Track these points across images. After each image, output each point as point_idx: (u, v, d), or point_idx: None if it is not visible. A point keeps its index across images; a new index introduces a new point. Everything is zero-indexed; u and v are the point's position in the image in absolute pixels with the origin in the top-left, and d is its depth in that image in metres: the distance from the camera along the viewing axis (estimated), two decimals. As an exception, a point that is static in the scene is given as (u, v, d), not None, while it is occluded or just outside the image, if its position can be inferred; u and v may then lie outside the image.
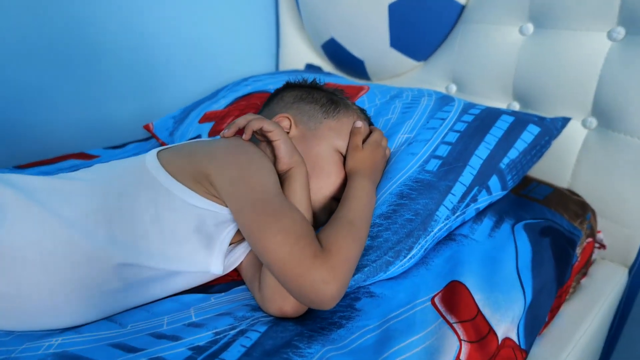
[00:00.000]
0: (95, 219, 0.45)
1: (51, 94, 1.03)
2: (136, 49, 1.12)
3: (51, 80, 1.02)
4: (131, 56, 1.12)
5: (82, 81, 1.07)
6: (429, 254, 0.55)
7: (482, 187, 0.58)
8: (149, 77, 1.19)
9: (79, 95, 1.07)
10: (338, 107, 0.60)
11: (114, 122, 1.16)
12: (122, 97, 1.15)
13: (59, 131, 1.08)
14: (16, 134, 1.02)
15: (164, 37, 1.16)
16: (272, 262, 0.42)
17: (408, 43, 0.99)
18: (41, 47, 0.98)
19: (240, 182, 0.45)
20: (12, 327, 0.46)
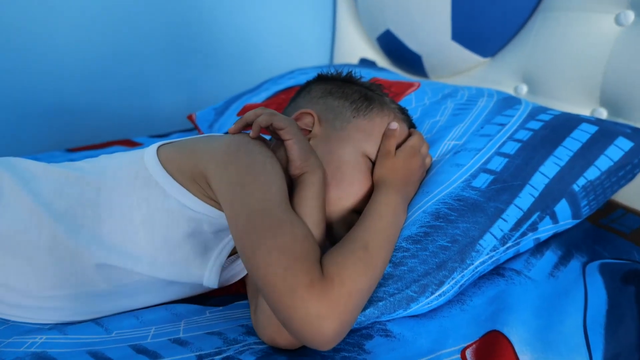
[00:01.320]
0: (84, 214, 0.41)
1: (103, 81, 1.06)
2: (187, 39, 1.12)
3: (103, 69, 1.05)
4: (183, 45, 1.12)
5: (133, 70, 1.08)
6: (467, 290, 0.44)
7: (545, 213, 0.46)
8: (200, 67, 1.18)
9: (129, 83, 1.09)
10: (372, 104, 0.51)
11: (164, 110, 1.17)
12: (174, 86, 1.16)
13: (110, 118, 1.10)
14: (70, 118, 1.06)
15: (215, 26, 1.15)
16: (262, 285, 0.35)
17: (473, 36, 0.86)
18: (95, 36, 1.01)
19: (239, 187, 0.39)
20: (3, 316, 0.44)
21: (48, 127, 1.05)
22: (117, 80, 1.08)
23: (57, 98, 1.03)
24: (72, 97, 1.04)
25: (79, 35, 0.99)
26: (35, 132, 1.03)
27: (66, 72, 1.01)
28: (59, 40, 0.98)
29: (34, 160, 0.48)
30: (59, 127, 1.06)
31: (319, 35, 1.35)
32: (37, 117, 1.02)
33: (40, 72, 0.98)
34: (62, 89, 1.02)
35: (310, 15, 1.31)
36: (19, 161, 0.47)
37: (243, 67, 1.25)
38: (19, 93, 0.97)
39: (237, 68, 1.24)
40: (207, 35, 1.15)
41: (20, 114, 0.99)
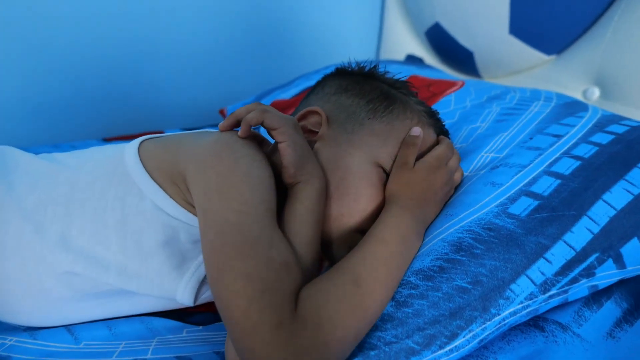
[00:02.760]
0: (54, 212, 0.37)
1: (141, 73, 1.06)
2: (225, 34, 1.09)
3: (142, 62, 1.05)
4: (221, 40, 1.09)
5: (170, 63, 1.07)
6: (492, 345, 0.35)
7: (607, 254, 0.35)
8: (238, 61, 1.15)
9: (166, 76, 1.09)
10: (392, 104, 0.43)
11: (199, 104, 1.16)
12: (210, 80, 1.14)
13: (146, 109, 1.11)
14: (109, 108, 1.07)
15: (255, 20, 1.11)
16: (224, 317, 0.29)
17: (535, 29, 0.74)
18: (136, 31, 1.01)
19: (215, 194, 0.33)
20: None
21: (87, 115, 1.07)
22: (155, 73, 1.08)
23: (96, 88, 1.05)
24: (110, 88, 1.06)
25: (120, 30, 1.00)
26: (74, 120, 1.06)
27: (106, 64, 1.02)
28: (101, 32, 0.99)
29: (22, 151, 0.45)
30: (97, 117, 1.08)
31: (365, 29, 1.27)
32: (77, 106, 1.04)
33: (81, 62, 1.00)
34: (102, 79, 1.04)
35: (356, 9, 1.23)
36: (11, 150, 0.44)
37: (282, 63, 1.20)
38: (61, 82, 1.00)
39: (277, 64, 1.20)
40: (245, 29, 1.11)
41: (62, 102, 1.02)
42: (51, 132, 1.04)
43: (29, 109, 0.99)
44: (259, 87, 1.18)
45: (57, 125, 1.04)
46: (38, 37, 0.93)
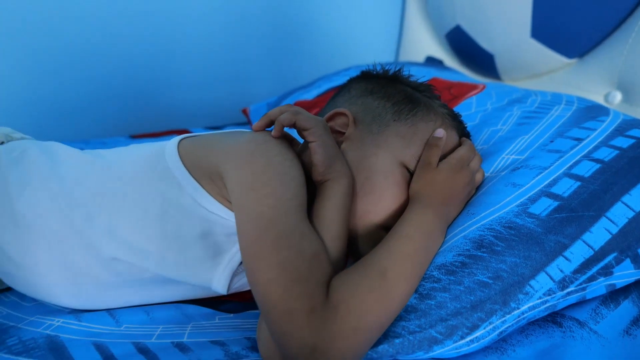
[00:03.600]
0: (101, 204, 0.40)
1: (166, 73, 1.10)
2: (247, 34, 1.12)
3: (166, 62, 1.08)
4: (242, 41, 1.12)
5: (194, 64, 1.11)
6: (510, 338, 0.37)
7: (625, 254, 0.36)
8: (259, 62, 1.18)
9: (190, 76, 1.12)
10: (416, 107, 0.44)
11: (221, 103, 1.19)
12: (231, 80, 1.17)
13: (171, 108, 1.15)
14: (135, 106, 1.12)
15: (276, 21, 1.14)
16: (260, 303, 0.31)
17: (557, 33, 0.74)
18: (160, 32, 1.04)
19: (251, 190, 0.35)
20: (35, 296, 0.46)
21: (114, 113, 1.11)
22: (179, 73, 1.11)
23: (123, 88, 1.09)
24: (136, 88, 1.10)
25: (146, 32, 1.04)
26: (103, 117, 1.10)
27: (132, 64, 1.06)
28: (128, 34, 1.03)
29: (69, 146, 0.49)
30: (124, 115, 1.12)
31: (385, 31, 1.28)
32: (105, 105, 1.09)
33: (109, 63, 1.04)
34: (129, 79, 1.08)
35: (377, 11, 1.25)
36: (57, 145, 0.48)
37: (303, 63, 1.22)
38: (90, 82, 1.04)
39: (297, 64, 1.22)
40: (267, 31, 1.14)
41: (91, 100, 1.06)
42: (81, 130, 1.08)
43: (61, 108, 1.04)
44: (280, 87, 1.21)
45: (87, 123, 1.09)
46: (69, 39, 0.98)
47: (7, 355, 0.39)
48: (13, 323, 0.44)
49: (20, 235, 0.42)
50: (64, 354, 0.39)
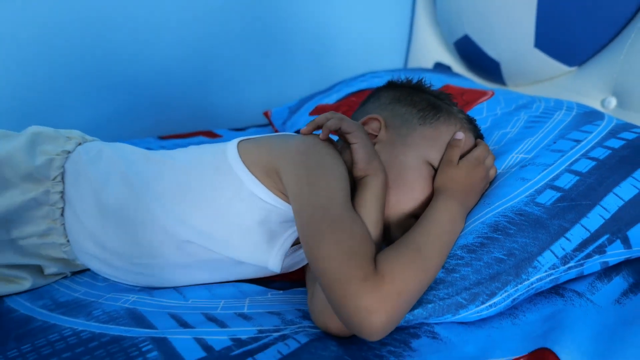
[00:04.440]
0: (174, 195, 0.48)
1: (190, 78, 1.17)
2: (266, 40, 1.19)
3: (191, 68, 1.16)
4: (262, 46, 1.20)
5: (216, 69, 1.18)
6: (521, 305, 0.44)
7: (615, 236, 0.44)
8: (278, 67, 1.25)
9: (213, 80, 1.19)
10: (438, 113, 0.52)
11: (242, 105, 1.26)
12: (252, 83, 1.24)
13: (195, 110, 1.22)
14: (162, 109, 1.19)
15: (294, 28, 1.21)
16: (320, 275, 0.39)
17: (558, 43, 0.82)
18: (187, 40, 1.12)
19: (306, 184, 0.43)
20: (109, 276, 0.53)
21: (143, 116, 1.18)
22: (202, 78, 1.18)
23: (152, 91, 1.16)
24: (164, 91, 1.17)
25: (172, 38, 1.11)
26: (133, 120, 1.17)
27: (160, 69, 1.13)
28: (156, 42, 1.10)
29: (134, 146, 0.56)
30: (152, 117, 1.20)
31: (395, 37, 1.35)
32: (135, 108, 1.16)
33: (138, 69, 1.12)
34: (156, 84, 1.15)
35: (387, 18, 1.32)
36: (125, 146, 0.55)
37: (318, 68, 1.30)
38: (121, 87, 1.11)
39: (313, 68, 1.29)
40: (285, 37, 1.21)
41: (122, 105, 1.14)
42: (114, 132, 1.16)
43: (95, 112, 1.11)
44: (298, 90, 1.28)
45: (118, 125, 1.16)
46: (101, 48, 1.05)
47: (95, 323, 0.47)
48: (93, 299, 0.51)
49: (106, 223, 0.49)
50: (145, 321, 0.46)
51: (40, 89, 1.02)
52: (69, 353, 0.42)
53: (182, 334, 0.44)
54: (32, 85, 1.00)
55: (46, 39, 0.98)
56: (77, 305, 0.50)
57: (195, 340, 0.42)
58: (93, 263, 0.53)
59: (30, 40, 0.96)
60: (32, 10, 0.94)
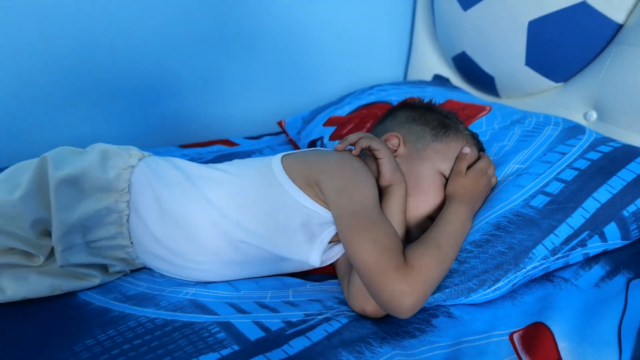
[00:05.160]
0: (229, 204, 0.57)
1: (206, 89, 1.25)
2: (276, 54, 1.28)
3: (206, 80, 1.24)
4: (272, 60, 1.28)
5: (232, 81, 1.26)
6: (519, 289, 0.54)
7: (594, 232, 0.54)
8: (287, 79, 1.34)
9: (228, 91, 1.27)
10: (448, 131, 0.62)
11: (255, 115, 1.35)
12: (264, 94, 1.33)
13: (211, 119, 1.30)
14: (182, 119, 1.27)
15: (302, 41, 1.29)
16: (360, 266, 0.48)
17: (546, 62, 0.93)
18: (202, 55, 1.20)
19: (344, 193, 0.52)
20: (166, 272, 0.62)
21: (163, 125, 1.26)
22: (218, 89, 1.26)
23: (172, 102, 1.24)
24: (182, 102, 1.25)
25: (189, 53, 1.19)
26: (154, 130, 1.25)
27: (179, 82, 1.21)
28: (173, 56, 1.18)
29: (186, 160, 0.65)
30: (171, 126, 1.28)
31: (396, 50, 1.45)
32: (155, 118, 1.24)
33: (160, 82, 1.19)
34: (176, 95, 1.23)
35: (388, 32, 1.42)
36: (180, 161, 0.64)
37: (323, 78, 1.38)
38: (142, 98, 1.19)
39: (318, 79, 1.38)
40: (292, 49, 1.29)
41: (143, 115, 1.21)
42: (139, 141, 1.23)
43: (121, 125, 1.18)
44: (306, 99, 1.37)
45: (140, 135, 1.23)
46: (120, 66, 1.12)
47: (165, 312, 0.56)
48: (157, 292, 0.60)
49: (168, 226, 0.58)
50: (207, 309, 0.55)
51: (56, 101, 1.08)
52: (150, 336, 0.51)
53: (242, 318, 0.53)
54: (48, 95, 1.06)
55: (63, 51, 1.04)
56: (144, 298, 0.58)
57: (254, 323, 0.52)
58: (153, 261, 0.62)
59: (50, 52, 1.03)
60: (44, 20, 1.00)
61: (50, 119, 1.09)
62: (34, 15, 0.99)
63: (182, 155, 1.11)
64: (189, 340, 0.49)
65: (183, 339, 0.50)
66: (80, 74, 1.08)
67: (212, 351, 0.48)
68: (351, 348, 0.47)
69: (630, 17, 0.78)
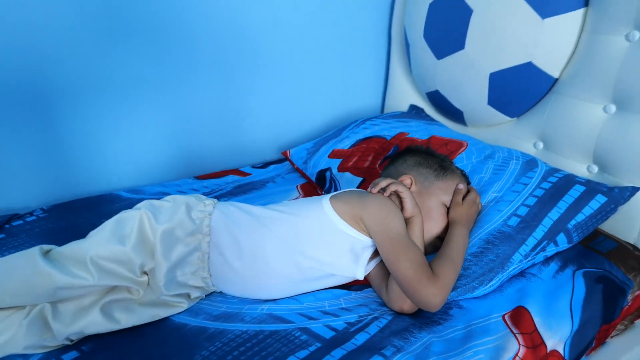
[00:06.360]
0: (293, 238, 0.75)
1: (215, 123, 1.39)
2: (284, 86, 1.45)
3: (213, 116, 1.38)
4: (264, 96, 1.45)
5: (235, 114, 1.41)
6: (504, 284, 0.78)
7: (550, 241, 0.79)
8: (282, 113, 1.50)
9: (232, 123, 1.42)
10: (446, 172, 0.85)
11: (258, 145, 1.50)
12: (263, 125, 1.49)
13: (220, 151, 1.44)
14: (194, 152, 1.40)
15: (292, 79, 1.46)
16: (401, 278, 0.69)
17: (503, 103, 1.19)
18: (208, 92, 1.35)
19: (383, 225, 0.73)
20: (239, 294, 0.79)
21: (179, 160, 1.39)
22: (225, 122, 1.41)
23: (184, 137, 1.37)
24: (194, 136, 1.38)
25: (198, 91, 1.33)
26: (169, 163, 1.38)
27: (190, 118, 1.35)
28: (185, 93, 1.31)
29: (246, 204, 0.83)
30: (186, 161, 1.41)
31: (374, 84, 1.66)
32: (171, 153, 1.36)
33: (172, 119, 1.32)
34: (187, 130, 1.36)
35: (366, 66, 1.62)
36: (244, 204, 0.82)
37: (311, 109, 1.56)
38: (156, 135, 1.31)
39: (308, 109, 1.56)
40: (285, 83, 1.45)
41: (159, 150, 1.33)
42: (156, 175, 1.35)
43: (139, 158, 1.30)
44: (299, 128, 1.54)
45: (159, 169, 1.36)
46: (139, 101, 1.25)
47: (251, 325, 0.72)
48: (237, 310, 0.77)
49: (244, 259, 0.75)
50: (284, 319, 0.73)
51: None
52: (249, 344, 0.68)
53: (314, 323, 0.72)
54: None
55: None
56: (229, 316, 0.75)
57: (325, 326, 0.71)
58: (228, 287, 0.79)
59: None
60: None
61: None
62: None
63: (202, 187, 1.26)
64: (282, 344, 0.68)
65: (277, 343, 0.68)
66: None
67: (302, 349, 0.66)
68: (399, 336, 0.68)
69: (562, 73, 1.05)
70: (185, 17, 1.20)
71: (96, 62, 1.10)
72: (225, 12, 1.25)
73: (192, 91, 1.30)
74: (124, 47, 1.13)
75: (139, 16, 1.13)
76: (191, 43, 1.23)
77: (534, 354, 0.67)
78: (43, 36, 0.99)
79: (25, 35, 0.97)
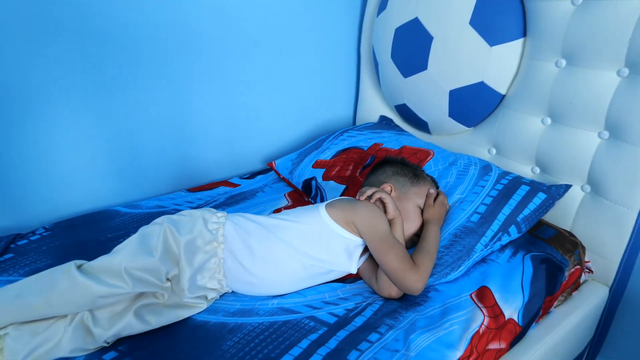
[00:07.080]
0: (298, 241, 0.89)
1: (205, 138, 1.49)
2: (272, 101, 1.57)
3: (205, 131, 1.49)
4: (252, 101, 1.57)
5: (224, 130, 1.53)
6: (470, 270, 0.95)
7: (504, 232, 0.97)
8: (265, 125, 1.63)
9: (222, 137, 1.53)
10: (419, 179, 1.01)
11: (245, 156, 1.62)
12: (249, 138, 1.60)
13: (209, 163, 1.54)
14: (185, 165, 1.49)
15: (275, 97, 1.60)
16: (388, 269, 0.85)
17: (462, 115, 1.38)
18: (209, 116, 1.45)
19: (371, 227, 0.88)
20: (251, 293, 0.92)
21: (170, 174, 1.48)
22: (214, 137, 1.52)
23: (177, 151, 1.46)
24: (186, 149, 1.48)
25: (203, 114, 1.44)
26: (161, 176, 1.46)
27: (186, 133, 1.45)
28: (187, 113, 1.42)
29: (251, 214, 0.96)
30: (177, 174, 1.50)
31: (345, 96, 1.83)
32: (162, 166, 1.45)
33: (168, 134, 1.42)
34: (180, 144, 1.46)
35: (338, 81, 1.78)
36: (251, 215, 0.94)
37: (286, 120, 1.69)
38: (151, 149, 1.40)
39: (287, 121, 1.69)
40: (266, 95, 1.58)
41: (153, 164, 1.41)
42: (149, 189, 1.43)
43: (130, 172, 1.38)
44: (280, 140, 1.67)
45: (153, 182, 1.44)
46: (128, 125, 1.34)
47: (265, 317, 0.86)
48: (251, 307, 0.90)
49: (256, 261, 0.88)
50: (293, 311, 0.87)
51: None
52: (267, 332, 0.81)
53: (319, 312, 0.86)
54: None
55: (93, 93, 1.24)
56: (245, 311, 0.88)
57: (328, 313, 0.85)
58: (241, 287, 0.91)
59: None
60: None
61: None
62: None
63: (196, 199, 1.36)
64: (295, 330, 0.81)
65: (290, 330, 0.81)
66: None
67: (312, 333, 0.80)
68: (390, 316, 0.84)
69: (508, 91, 1.26)
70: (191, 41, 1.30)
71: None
72: (209, 29, 1.35)
73: (188, 103, 1.39)
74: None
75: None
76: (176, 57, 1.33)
77: (495, 322, 0.84)
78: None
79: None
